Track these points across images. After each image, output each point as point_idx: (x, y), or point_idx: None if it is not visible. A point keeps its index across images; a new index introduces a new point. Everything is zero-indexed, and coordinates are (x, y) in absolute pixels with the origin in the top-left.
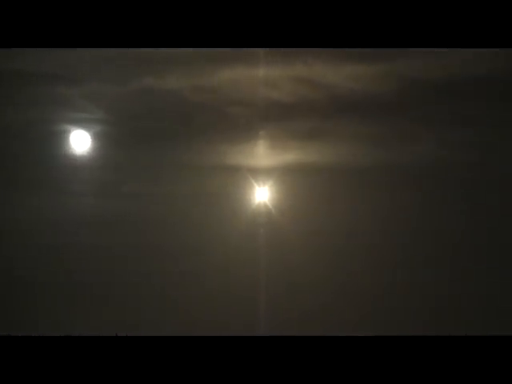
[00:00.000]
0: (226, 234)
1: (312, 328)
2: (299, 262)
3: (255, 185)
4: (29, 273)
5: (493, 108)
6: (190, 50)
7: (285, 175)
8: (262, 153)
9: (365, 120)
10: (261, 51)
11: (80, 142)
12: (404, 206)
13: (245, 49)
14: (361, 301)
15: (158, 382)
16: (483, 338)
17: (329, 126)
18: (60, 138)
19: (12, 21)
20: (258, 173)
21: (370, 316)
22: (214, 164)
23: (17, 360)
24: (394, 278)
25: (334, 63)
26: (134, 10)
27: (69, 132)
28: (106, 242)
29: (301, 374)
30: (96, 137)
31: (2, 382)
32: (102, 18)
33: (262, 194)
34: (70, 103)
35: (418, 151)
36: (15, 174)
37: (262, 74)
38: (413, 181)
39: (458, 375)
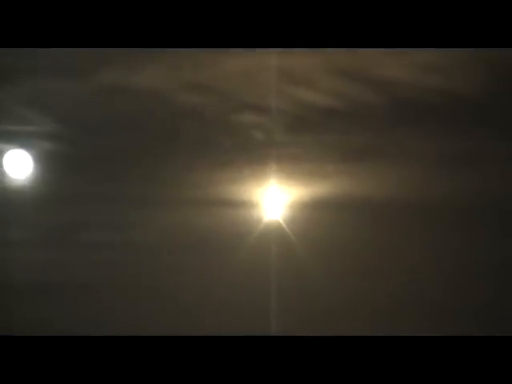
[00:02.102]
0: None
1: (324, 328)
2: (311, 262)
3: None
4: None
5: None
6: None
7: (311, 212)
8: (280, 181)
9: (441, 133)
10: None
11: (17, 166)
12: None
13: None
14: (373, 302)
15: (168, 383)
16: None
17: (384, 143)
18: None
19: None
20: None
21: (383, 317)
22: (211, 198)
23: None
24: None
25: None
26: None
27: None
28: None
29: (312, 374)
30: (41, 159)
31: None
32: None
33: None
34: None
35: None
36: None
37: (283, 63)
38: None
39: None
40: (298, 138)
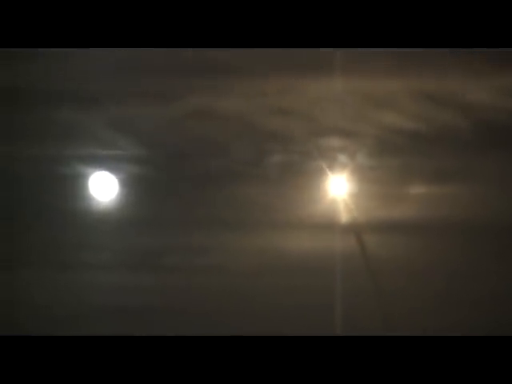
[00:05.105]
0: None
1: (389, 327)
2: (376, 259)
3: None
4: None
5: None
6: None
7: (390, 235)
8: (361, 204)
9: None
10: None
11: (102, 190)
12: None
13: (334, 49)
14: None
15: (237, 381)
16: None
17: (467, 166)
18: (72, 185)
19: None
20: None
21: (447, 316)
22: (293, 221)
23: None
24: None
25: (479, 71)
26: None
27: (85, 176)
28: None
29: (377, 374)
30: (127, 183)
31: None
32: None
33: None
34: (86, 133)
35: None
36: (5, 240)
37: (367, 87)
38: None
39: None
40: (382, 161)
